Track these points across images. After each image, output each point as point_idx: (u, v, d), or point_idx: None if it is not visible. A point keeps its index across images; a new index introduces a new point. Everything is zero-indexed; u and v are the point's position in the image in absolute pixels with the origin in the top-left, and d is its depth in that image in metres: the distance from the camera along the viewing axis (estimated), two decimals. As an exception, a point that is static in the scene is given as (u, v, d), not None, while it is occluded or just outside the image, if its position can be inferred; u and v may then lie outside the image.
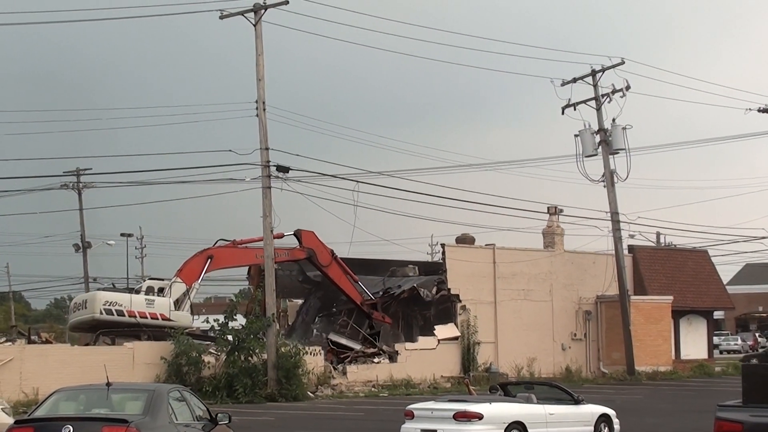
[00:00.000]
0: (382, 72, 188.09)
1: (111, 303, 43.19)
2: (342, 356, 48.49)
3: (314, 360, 45.20)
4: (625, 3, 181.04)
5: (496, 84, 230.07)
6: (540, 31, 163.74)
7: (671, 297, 59.77)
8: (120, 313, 43.16)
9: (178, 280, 45.18)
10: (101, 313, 42.95)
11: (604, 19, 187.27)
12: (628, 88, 54.15)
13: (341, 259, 51.14)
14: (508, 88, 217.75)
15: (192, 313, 46.58)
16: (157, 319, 43.96)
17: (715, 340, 77.31)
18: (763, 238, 66.31)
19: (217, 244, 46.60)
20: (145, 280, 47.19)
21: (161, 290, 44.85)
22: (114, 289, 49.25)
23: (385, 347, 50.06)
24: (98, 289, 48.51)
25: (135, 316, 43.47)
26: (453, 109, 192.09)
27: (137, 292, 45.31)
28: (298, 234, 48.05)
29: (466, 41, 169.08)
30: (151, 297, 44.25)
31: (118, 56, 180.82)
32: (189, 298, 45.22)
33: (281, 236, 45.90)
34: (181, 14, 46.17)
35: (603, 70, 54.89)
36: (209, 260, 45.63)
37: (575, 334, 57.33)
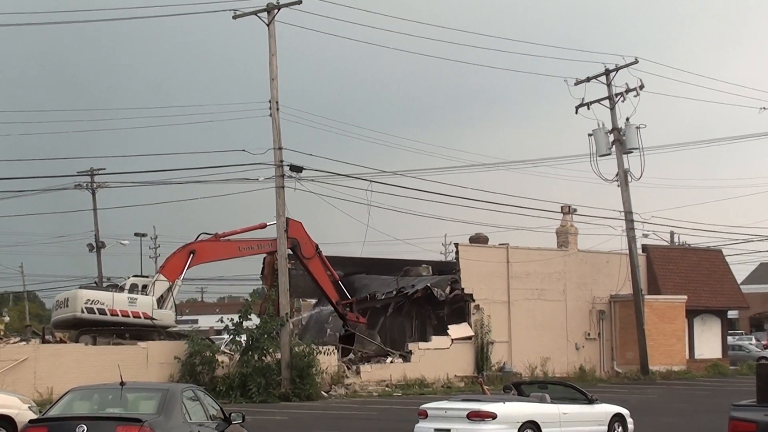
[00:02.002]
0: (395, 71, 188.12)
1: (93, 301, 42.87)
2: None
3: (328, 359, 45.20)
4: (638, 2, 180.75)
5: (510, 83, 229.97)
6: (553, 31, 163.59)
7: (685, 296, 59.65)
8: (102, 311, 42.86)
9: (162, 277, 44.91)
10: (83, 311, 42.65)
11: (618, 19, 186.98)
12: (641, 87, 54.07)
13: (355, 258, 51.01)
14: (521, 87, 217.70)
15: (176, 311, 46.20)
16: (140, 317, 43.61)
17: (729, 339, 77.09)
18: (777, 237, 66.16)
19: (199, 239, 46.18)
20: (129, 278, 46.84)
21: (145, 287, 44.58)
22: (97, 287, 48.97)
23: (357, 350, 49.83)
24: (80, 287, 48.21)
25: (117, 315, 43.14)
26: (466, 108, 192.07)
27: (121, 289, 45.00)
28: (286, 223, 47.61)
29: (479, 41, 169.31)
30: (133, 295, 43.85)
31: (131, 56, 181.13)
32: (172, 295, 44.90)
33: (264, 226, 45.64)
34: (195, 14, 46.34)
35: (617, 70, 54.83)
36: (192, 255, 45.16)
37: (589, 334, 57.24)
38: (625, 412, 26.49)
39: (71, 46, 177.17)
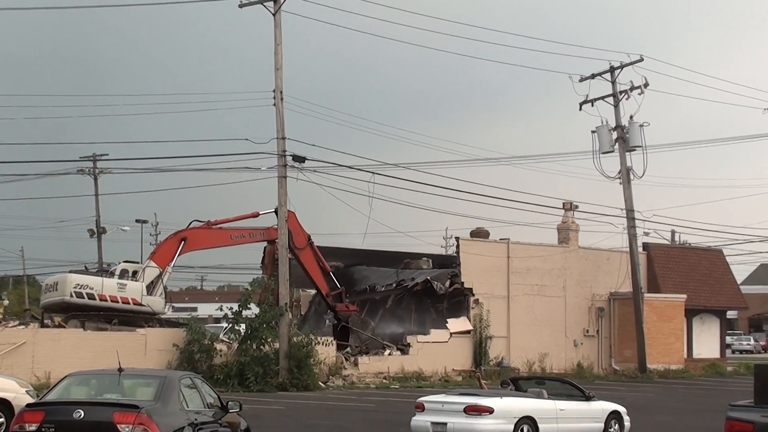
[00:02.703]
0: (401, 64, 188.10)
1: (82, 286, 42.67)
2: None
3: (326, 350, 45.20)
4: (644, 0, 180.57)
5: (515, 79, 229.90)
6: (559, 28, 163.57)
7: (685, 295, 59.65)
8: (90, 296, 42.65)
9: (152, 263, 44.75)
10: (71, 295, 42.46)
11: (623, 17, 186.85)
12: (646, 85, 53.97)
13: (355, 249, 50.84)
14: (526, 83, 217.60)
15: (166, 298, 45.97)
16: (129, 303, 43.42)
17: (728, 339, 77.17)
18: (778, 238, 66.17)
19: (191, 226, 46.02)
20: (119, 263, 46.73)
21: (135, 273, 44.44)
22: (86, 271, 48.79)
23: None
24: (70, 271, 48.20)
25: (106, 300, 42.95)
26: (470, 103, 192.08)
27: (111, 274, 44.90)
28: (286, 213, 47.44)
29: (485, 35, 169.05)
30: (123, 281, 43.70)
31: (137, 42, 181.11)
32: (162, 281, 44.69)
33: (256, 215, 45.50)
34: (201, 2, 46.29)
35: (621, 67, 54.75)
36: (183, 242, 45.01)
37: (588, 331, 57.25)
38: (621, 409, 26.52)
39: (75, 31, 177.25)
